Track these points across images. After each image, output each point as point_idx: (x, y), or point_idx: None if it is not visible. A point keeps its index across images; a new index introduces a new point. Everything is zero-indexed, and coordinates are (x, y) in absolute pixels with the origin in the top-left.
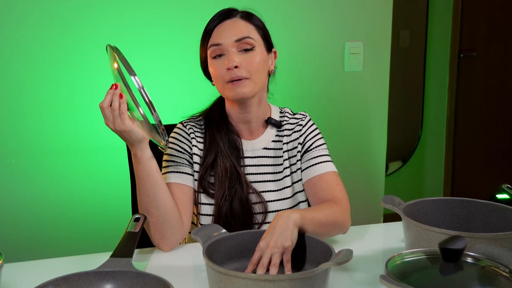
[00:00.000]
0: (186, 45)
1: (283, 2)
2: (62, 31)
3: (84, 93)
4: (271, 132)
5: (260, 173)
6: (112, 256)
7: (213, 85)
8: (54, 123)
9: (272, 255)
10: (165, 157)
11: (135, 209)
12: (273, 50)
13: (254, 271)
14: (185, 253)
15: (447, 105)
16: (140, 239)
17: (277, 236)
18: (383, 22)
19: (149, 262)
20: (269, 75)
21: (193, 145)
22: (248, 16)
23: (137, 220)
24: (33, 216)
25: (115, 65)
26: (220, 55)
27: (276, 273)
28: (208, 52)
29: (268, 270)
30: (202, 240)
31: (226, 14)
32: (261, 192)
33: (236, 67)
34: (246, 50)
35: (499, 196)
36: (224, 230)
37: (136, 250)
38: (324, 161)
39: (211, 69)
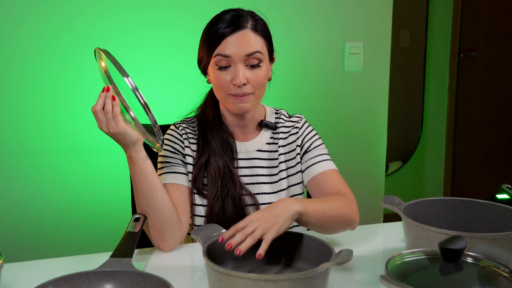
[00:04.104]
0: (181, 45)
1: (283, 2)
2: (62, 31)
3: (84, 93)
4: (265, 134)
5: (254, 175)
6: (112, 256)
7: (209, 83)
8: (54, 123)
9: (257, 228)
10: (159, 159)
11: (135, 209)
12: (273, 56)
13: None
14: (185, 253)
15: (447, 105)
16: (140, 239)
17: (271, 216)
18: (383, 22)
19: (148, 262)
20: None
21: (185, 146)
22: (257, 27)
23: (137, 220)
24: (33, 216)
25: (104, 69)
26: (226, 66)
27: (251, 244)
28: (213, 59)
29: (264, 271)
30: (202, 240)
31: (237, 23)
32: (255, 194)
33: (243, 84)
34: (253, 66)
35: (499, 196)
36: (224, 230)
37: (136, 250)
38: (325, 160)
39: (213, 75)
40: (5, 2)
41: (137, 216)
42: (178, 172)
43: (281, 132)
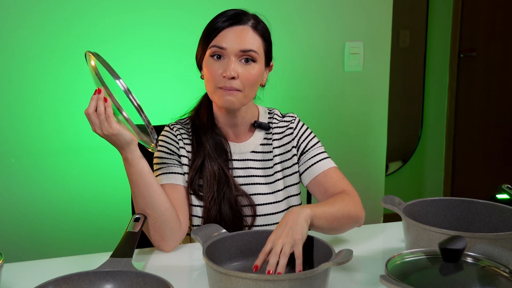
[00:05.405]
0: (181, 45)
1: (283, 2)
2: (62, 31)
3: (84, 93)
4: (259, 135)
5: (249, 176)
6: (112, 256)
7: (202, 78)
8: (54, 123)
9: (283, 246)
10: (155, 161)
11: (135, 209)
12: (271, 63)
13: (265, 263)
14: (185, 253)
15: (447, 105)
16: (140, 239)
17: (288, 229)
18: (383, 22)
19: (148, 262)
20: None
21: (180, 147)
22: (258, 26)
23: (137, 220)
24: (33, 216)
25: (95, 71)
26: (219, 57)
27: (285, 265)
28: (209, 51)
29: (264, 271)
30: (202, 240)
31: (238, 19)
32: (251, 194)
33: (233, 77)
34: (247, 61)
35: (499, 196)
36: (224, 230)
37: (136, 250)
38: (324, 158)
39: (206, 67)
40: (5, 2)
41: (137, 216)
42: (174, 173)
43: (275, 133)
